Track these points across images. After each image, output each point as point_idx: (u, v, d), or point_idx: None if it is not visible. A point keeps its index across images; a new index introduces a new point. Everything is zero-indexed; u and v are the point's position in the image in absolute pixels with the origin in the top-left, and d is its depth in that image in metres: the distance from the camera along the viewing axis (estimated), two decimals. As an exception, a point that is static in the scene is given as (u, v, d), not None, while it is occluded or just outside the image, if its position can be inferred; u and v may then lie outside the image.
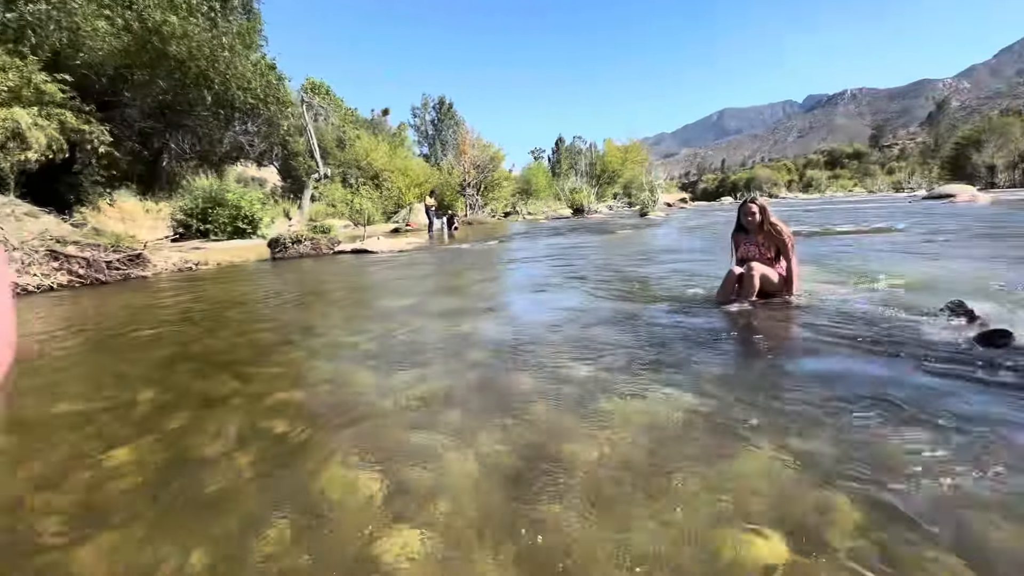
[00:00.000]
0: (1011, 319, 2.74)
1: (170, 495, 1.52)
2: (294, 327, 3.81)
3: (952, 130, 69.27)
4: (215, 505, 1.46)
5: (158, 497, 1.52)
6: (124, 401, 2.40)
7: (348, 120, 33.73)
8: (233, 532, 1.33)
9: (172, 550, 1.26)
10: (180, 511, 1.44)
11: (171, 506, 1.47)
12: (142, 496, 1.53)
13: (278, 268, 8.75)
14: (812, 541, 1.15)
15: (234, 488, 1.54)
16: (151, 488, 1.57)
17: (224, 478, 1.60)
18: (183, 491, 1.54)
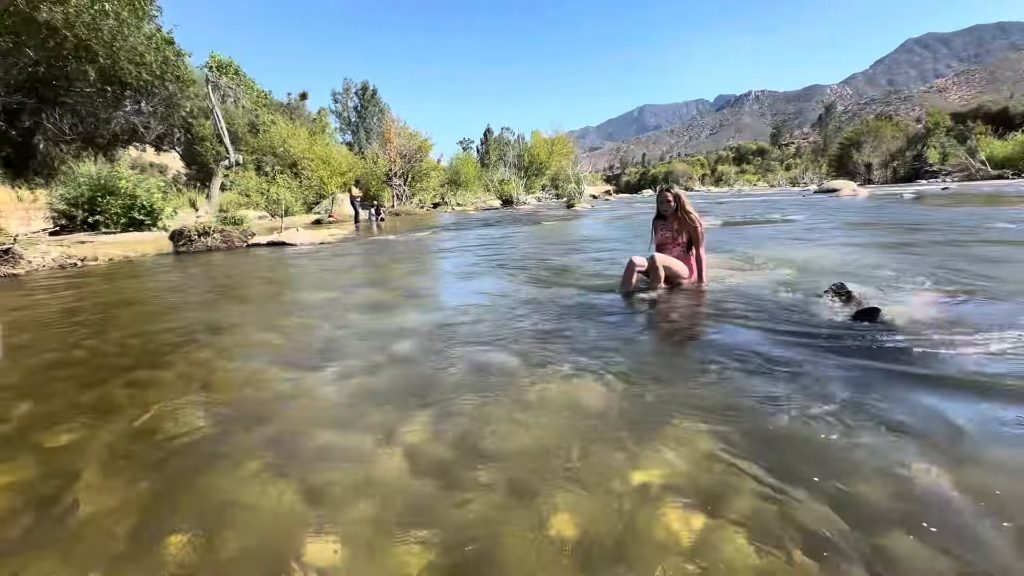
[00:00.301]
0: (882, 298, 3.13)
1: (50, 519, 1.35)
2: (199, 326, 3.50)
3: (838, 131, 77.48)
4: (101, 524, 1.31)
5: (38, 523, 1.34)
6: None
7: (261, 103, 31.39)
8: (122, 553, 1.20)
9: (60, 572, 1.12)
10: (60, 534, 1.28)
11: (50, 531, 1.30)
12: (17, 522, 1.34)
13: (182, 263, 8.00)
14: (720, 509, 1.25)
15: (126, 504, 1.40)
16: (29, 513, 1.38)
17: (115, 495, 1.44)
18: (66, 513, 1.37)
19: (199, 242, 9.71)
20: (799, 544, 1.11)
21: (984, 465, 1.36)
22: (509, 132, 56.55)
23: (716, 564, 1.07)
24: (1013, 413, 1.63)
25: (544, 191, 40.89)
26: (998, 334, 2.36)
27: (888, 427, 1.58)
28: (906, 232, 6.90)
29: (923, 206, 11.75)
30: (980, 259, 4.44)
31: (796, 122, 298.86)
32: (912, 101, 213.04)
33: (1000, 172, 29.17)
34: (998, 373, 1.94)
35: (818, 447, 1.49)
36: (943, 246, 5.34)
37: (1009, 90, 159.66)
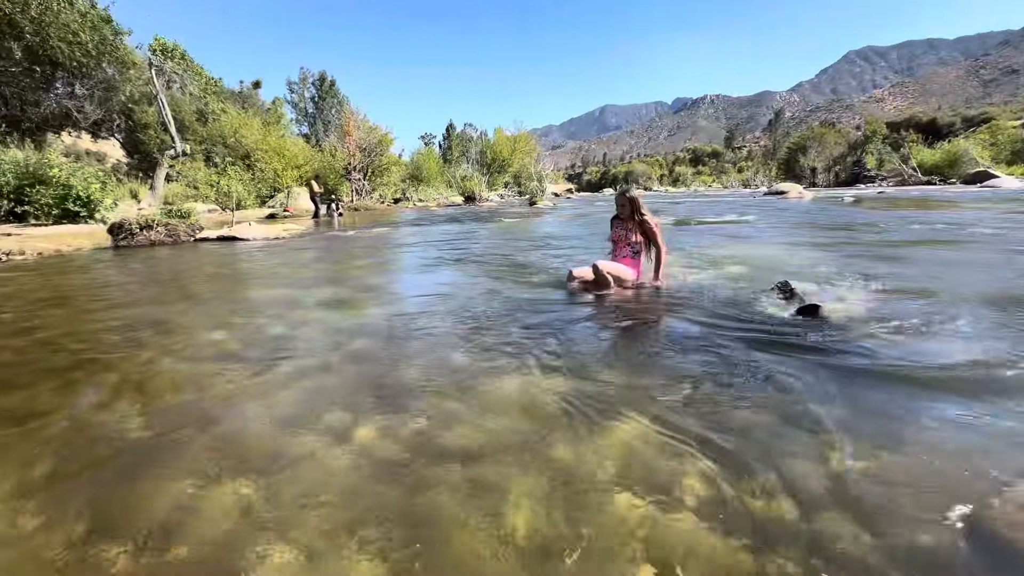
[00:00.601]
0: (822, 295, 3.32)
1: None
2: (141, 324, 3.31)
3: (786, 136, 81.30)
4: (27, 541, 1.22)
5: (-58, 538, 1.23)
6: None
7: (211, 91, 29.85)
8: (55, 569, 1.13)
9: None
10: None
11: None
12: (-82, 540, 1.23)
13: (122, 258, 7.52)
14: (663, 494, 1.29)
15: (56, 518, 1.31)
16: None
17: (43, 508, 1.35)
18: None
19: (141, 236, 9.15)
20: (741, 525, 1.17)
21: (903, 445, 1.47)
22: (472, 128, 56.15)
23: (664, 548, 1.11)
24: (931, 400, 1.77)
25: (507, 188, 40.91)
26: (921, 329, 2.55)
27: (822, 414, 1.68)
28: (846, 233, 7.33)
29: (861, 209, 12.51)
30: (910, 259, 4.78)
31: (748, 126, 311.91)
32: (853, 110, 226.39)
33: (929, 178, 31.46)
34: (920, 364, 2.09)
35: (759, 434, 1.57)
36: (877, 246, 5.71)
37: (937, 102, 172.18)
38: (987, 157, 32.89)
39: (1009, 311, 2.83)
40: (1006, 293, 3.24)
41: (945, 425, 1.60)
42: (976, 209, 10.51)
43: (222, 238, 9.64)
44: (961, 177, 28.87)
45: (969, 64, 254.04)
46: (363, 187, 29.57)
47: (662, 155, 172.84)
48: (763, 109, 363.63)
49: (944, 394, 1.81)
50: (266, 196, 23.98)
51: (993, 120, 52.56)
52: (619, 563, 1.08)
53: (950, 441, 1.51)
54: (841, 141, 44.71)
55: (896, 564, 1.05)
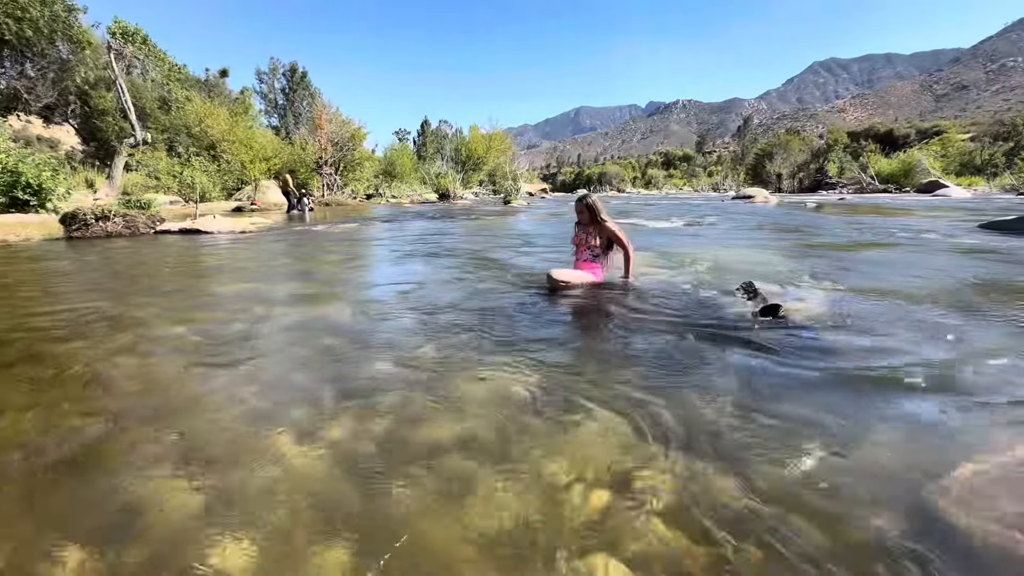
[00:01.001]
0: (783, 295, 3.43)
1: None
2: (95, 318, 3.16)
3: (754, 142, 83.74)
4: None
5: None
6: None
7: (174, 78, 28.74)
8: (13, 558, 1.07)
9: None
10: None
11: None
12: None
13: (76, 249, 7.16)
14: (626, 487, 1.32)
15: (3, 508, 1.24)
16: None
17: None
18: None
19: (97, 227, 8.74)
20: (703, 517, 1.20)
21: (858, 440, 1.54)
22: (447, 125, 55.79)
23: (627, 538, 1.13)
24: (883, 396, 1.85)
25: (481, 186, 40.80)
26: (878, 329, 2.67)
27: (780, 411, 1.74)
28: (808, 236, 7.61)
29: (823, 214, 13.00)
30: (868, 261, 5.00)
31: (718, 132, 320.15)
32: (817, 119, 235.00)
33: (886, 187, 32.94)
34: (876, 364, 2.19)
35: (718, 428, 1.61)
36: (837, 249, 5.95)
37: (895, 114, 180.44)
38: (938, 168, 34.69)
39: (957, 310, 2.99)
40: (954, 294, 3.42)
41: (893, 418, 1.68)
42: (929, 216, 11.07)
43: (184, 231, 9.30)
44: (915, 186, 30.35)
45: (923, 79, 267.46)
46: (335, 182, 28.97)
47: (635, 157, 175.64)
48: (732, 115, 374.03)
49: (894, 389, 1.90)
50: (233, 189, 23.25)
51: (944, 133, 55.50)
52: (583, 555, 1.10)
53: (897, 433, 1.58)
54: (805, 149, 46.38)
55: (845, 552, 1.10)
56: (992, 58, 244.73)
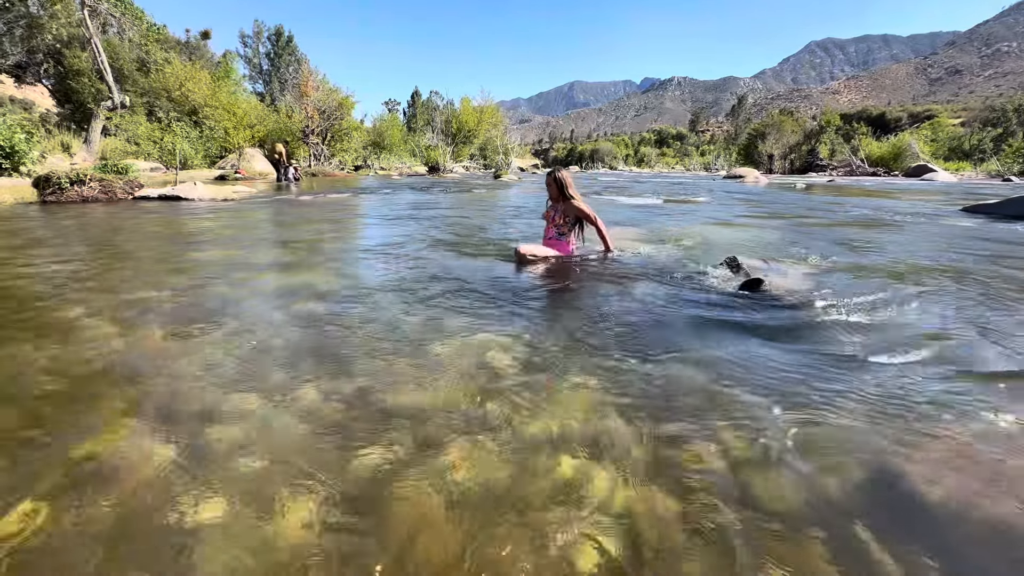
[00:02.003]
0: (766, 270, 3.45)
1: None
2: (67, 281, 3.08)
3: (747, 122, 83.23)
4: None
5: None
6: None
7: (153, 38, 27.55)
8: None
9: None
10: None
11: None
12: None
13: (49, 214, 6.95)
14: (602, 455, 1.32)
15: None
16: None
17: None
18: None
19: (72, 191, 8.47)
20: (675, 484, 1.21)
21: (828, 407, 1.56)
22: (438, 96, 54.53)
23: (603, 505, 1.14)
24: (860, 367, 1.88)
25: (472, 160, 40.24)
26: (852, 303, 2.70)
27: (758, 381, 1.76)
28: (796, 216, 7.64)
29: (811, 194, 13.05)
30: (850, 240, 5.03)
31: (712, 110, 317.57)
32: (811, 100, 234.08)
33: (875, 170, 33.09)
34: (853, 337, 2.22)
35: (695, 397, 1.63)
36: (822, 228, 5.98)
37: (888, 97, 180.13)
38: (928, 152, 34.88)
39: (935, 286, 3.03)
40: (934, 272, 3.47)
41: (864, 389, 1.70)
42: (914, 199, 11.16)
43: (164, 197, 9.06)
44: (903, 170, 30.53)
45: (918, 62, 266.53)
46: (322, 152, 28.35)
47: (628, 134, 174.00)
48: (727, 94, 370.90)
49: (868, 361, 1.93)
50: (216, 157, 22.65)
51: (936, 117, 55.64)
52: (558, 520, 1.10)
53: (868, 403, 1.61)
54: (798, 130, 46.21)
55: (811, 514, 1.12)
56: (987, 42, 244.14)
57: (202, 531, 1.04)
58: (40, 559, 0.97)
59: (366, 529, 1.06)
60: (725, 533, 1.05)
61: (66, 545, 1.01)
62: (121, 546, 1.01)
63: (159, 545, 1.01)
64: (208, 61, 32.15)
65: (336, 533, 1.04)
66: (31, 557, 0.98)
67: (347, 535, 1.04)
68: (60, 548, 1.00)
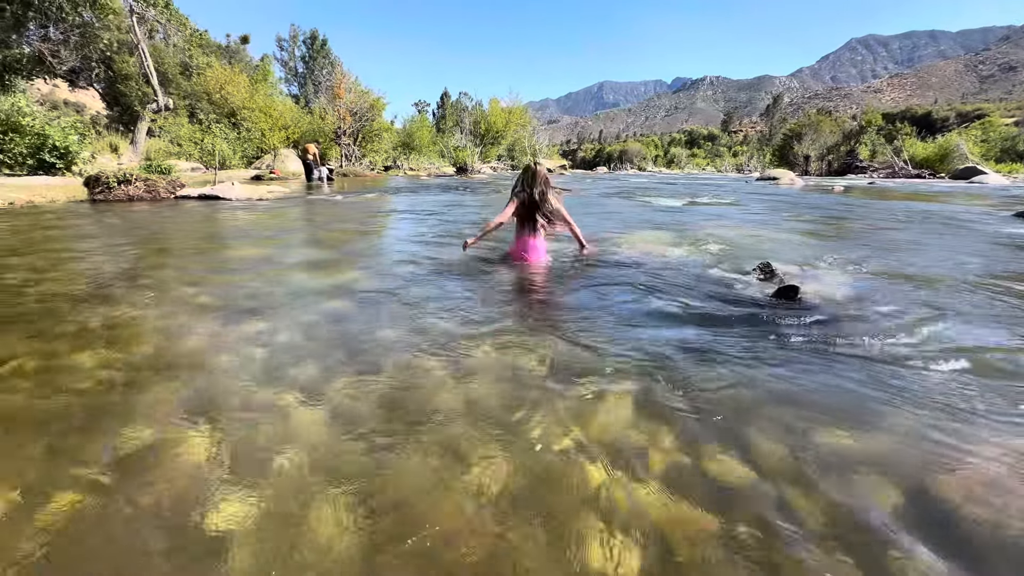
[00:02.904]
0: (802, 277, 3.34)
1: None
2: (114, 277, 3.23)
3: (783, 122, 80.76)
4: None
5: None
6: None
7: (195, 43, 28.63)
8: (20, 496, 1.11)
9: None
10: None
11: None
12: None
13: (99, 212, 7.31)
14: (628, 464, 1.30)
15: (22, 459, 1.28)
16: None
17: (5, 440, 1.32)
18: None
19: (119, 190, 8.88)
20: (708, 496, 1.18)
21: (864, 422, 1.50)
22: (467, 97, 54.87)
23: (631, 516, 1.12)
24: (899, 380, 1.80)
25: (499, 160, 40.36)
26: (896, 313, 2.58)
27: (789, 390, 1.70)
28: (833, 220, 7.37)
29: (850, 197, 12.58)
30: (893, 246, 4.83)
31: (746, 110, 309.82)
32: (851, 99, 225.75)
33: (919, 172, 31.67)
34: (891, 352, 2.12)
35: (729, 407, 1.59)
36: (862, 233, 5.75)
37: (934, 95, 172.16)
38: (977, 154, 33.16)
39: (983, 298, 2.88)
40: (981, 283, 3.29)
41: (906, 404, 1.63)
42: (962, 203, 10.63)
43: (203, 196, 9.41)
44: (950, 172, 29.09)
45: (968, 59, 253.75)
46: (353, 153, 28.92)
47: (658, 135, 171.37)
48: (762, 93, 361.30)
49: (910, 375, 1.84)
50: (252, 157, 23.36)
51: (987, 117, 52.82)
52: (580, 526, 1.09)
53: (908, 418, 1.54)
54: (836, 130, 44.60)
55: (844, 534, 1.08)
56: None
57: (232, 522, 1.08)
58: (86, 540, 1.02)
59: (384, 522, 1.07)
60: (774, 553, 1.02)
61: (110, 528, 1.05)
62: (162, 530, 1.05)
63: (195, 531, 1.04)
64: (247, 65, 33.24)
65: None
66: (77, 539, 1.03)
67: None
68: (104, 532, 1.05)
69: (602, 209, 8.64)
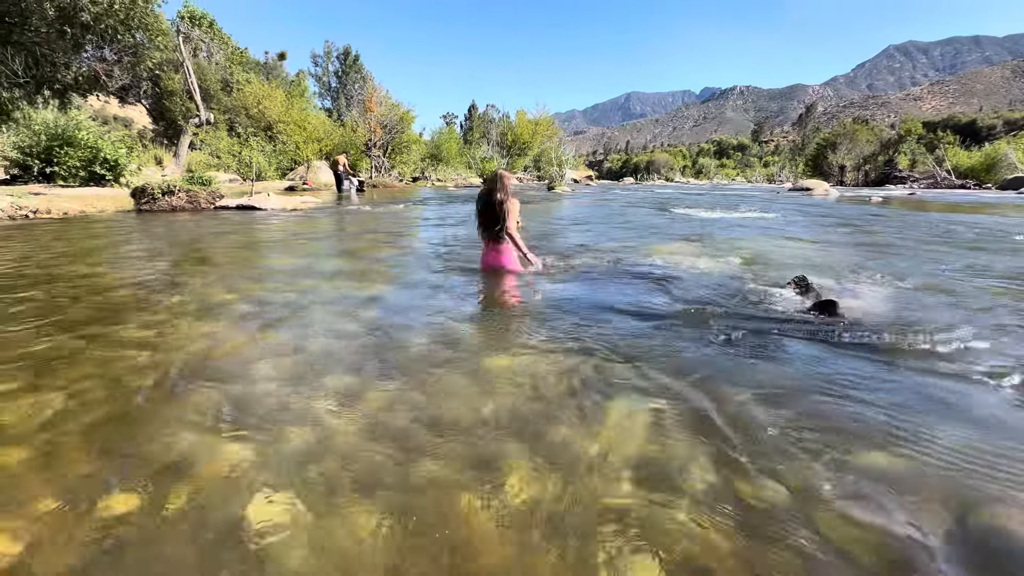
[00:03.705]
0: (840, 291, 3.24)
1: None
2: (157, 285, 3.38)
3: (816, 132, 78.54)
4: (35, 479, 1.27)
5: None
6: (-82, 365, 1.98)
7: (236, 60, 29.95)
8: (70, 498, 1.17)
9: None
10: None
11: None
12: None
13: (144, 221, 7.67)
14: (658, 481, 1.28)
15: (68, 453, 1.35)
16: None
17: (54, 443, 1.40)
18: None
19: (163, 201, 9.31)
20: (739, 515, 1.15)
21: (911, 443, 1.44)
22: (494, 110, 55.54)
23: (661, 531, 1.11)
24: (947, 405, 1.72)
25: (526, 172, 40.60)
26: (941, 331, 2.47)
27: (832, 416, 1.64)
28: (870, 232, 7.13)
29: (889, 209, 12.15)
30: (936, 259, 4.63)
31: (778, 120, 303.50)
32: (889, 107, 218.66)
33: (963, 182, 30.34)
34: (941, 367, 2.03)
35: (760, 424, 1.55)
36: (902, 246, 5.54)
37: (979, 103, 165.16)
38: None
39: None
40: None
41: (954, 426, 1.55)
42: (1014, 214, 10.12)
43: (241, 207, 9.77)
44: (997, 182, 27.77)
45: (1017, 64, 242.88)
46: (382, 164, 29.58)
47: (686, 145, 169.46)
48: (794, 103, 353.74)
49: (960, 396, 1.76)
50: (286, 168, 24.14)
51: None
52: (609, 542, 1.08)
53: (952, 441, 1.47)
54: (873, 139, 43.16)
55: (890, 563, 1.03)
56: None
57: (263, 530, 1.10)
58: (133, 541, 1.06)
59: (414, 529, 1.08)
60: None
61: (154, 530, 1.09)
62: (200, 532, 1.08)
63: (230, 534, 1.08)
64: (283, 80, 34.51)
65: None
66: (125, 539, 1.07)
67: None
68: (149, 531, 1.09)
69: (628, 219, 8.58)
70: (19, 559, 1.01)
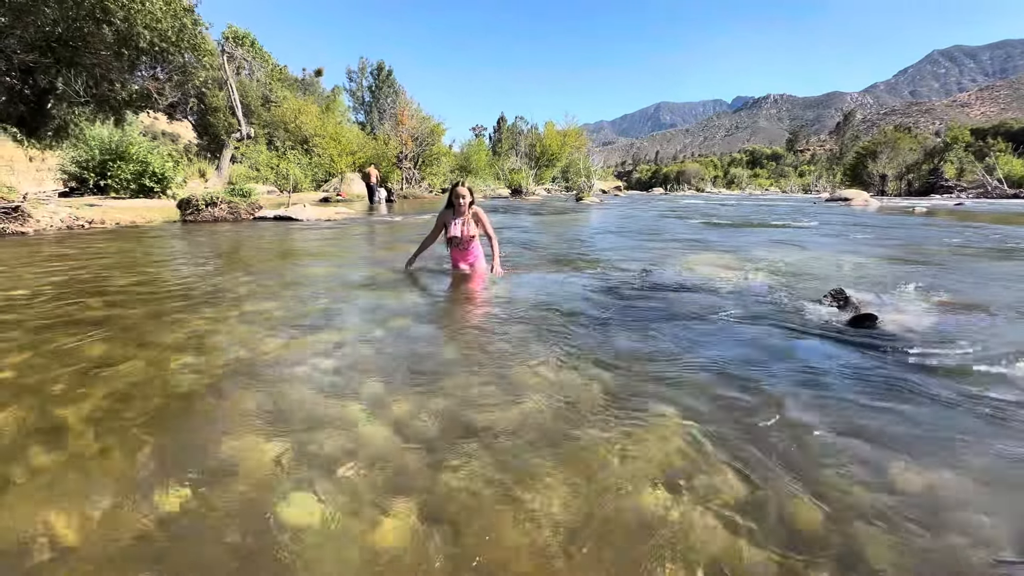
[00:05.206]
0: (879, 305, 3.13)
1: (47, 459, 1.40)
2: (200, 292, 3.54)
3: (855, 140, 75.98)
4: (98, 466, 1.36)
5: (17, 459, 1.38)
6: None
7: (276, 77, 31.30)
8: (120, 493, 1.25)
9: (42, 516, 1.16)
10: (55, 475, 1.33)
11: (41, 470, 1.35)
12: (12, 461, 1.39)
13: (188, 231, 8.05)
14: (692, 490, 1.28)
15: (123, 451, 1.44)
16: (18, 451, 1.43)
17: (110, 441, 1.49)
18: (60, 453, 1.42)
19: (206, 212, 9.76)
20: (770, 528, 1.14)
21: (950, 467, 1.38)
22: (523, 121, 56.07)
23: (689, 545, 1.10)
24: (989, 425, 1.64)
25: (554, 183, 40.72)
26: (987, 347, 2.36)
27: (871, 432, 1.60)
28: (913, 245, 6.85)
29: (934, 219, 11.64)
30: (984, 273, 4.42)
31: (813, 128, 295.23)
32: (933, 114, 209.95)
33: (1016, 191, 28.79)
34: (979, 392, 1.95)
35: (799, 439, 1.51)
36: (949, 260, 5.31)
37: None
38: (1088, 171, 29.68)
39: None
40: (1094, 316, 2.94)
41: (992, 445, 1.48)
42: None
43: (278, 217, 10.14)
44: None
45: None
46: (413, 176, 30.20)
47: (718, 155, 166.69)
48: (831, 111, 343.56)
49: (1001, 418, 1.68)
50: (321, 180, 24.94)
51: (1099, 130, 47.31)
52: (639, 554, 1.08)
53: (993, 464, 1.40)
54: (916, 147, 41.46)
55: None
56: None
57: (297, 529, 1.15)
58: (181, 538, 1.13)
59: (441, 535, 1.10)
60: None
61: (199, 528, 1.16)
62: (239, 532, 1.14)
63: (266, 535, 1.13)
64: (319, 95, 35.79)
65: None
66: (175, 536, 1.14)
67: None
68: (192, 525, 1.15)
69: (656, 230, 8.50)
70: (75, 545, 1.08)
